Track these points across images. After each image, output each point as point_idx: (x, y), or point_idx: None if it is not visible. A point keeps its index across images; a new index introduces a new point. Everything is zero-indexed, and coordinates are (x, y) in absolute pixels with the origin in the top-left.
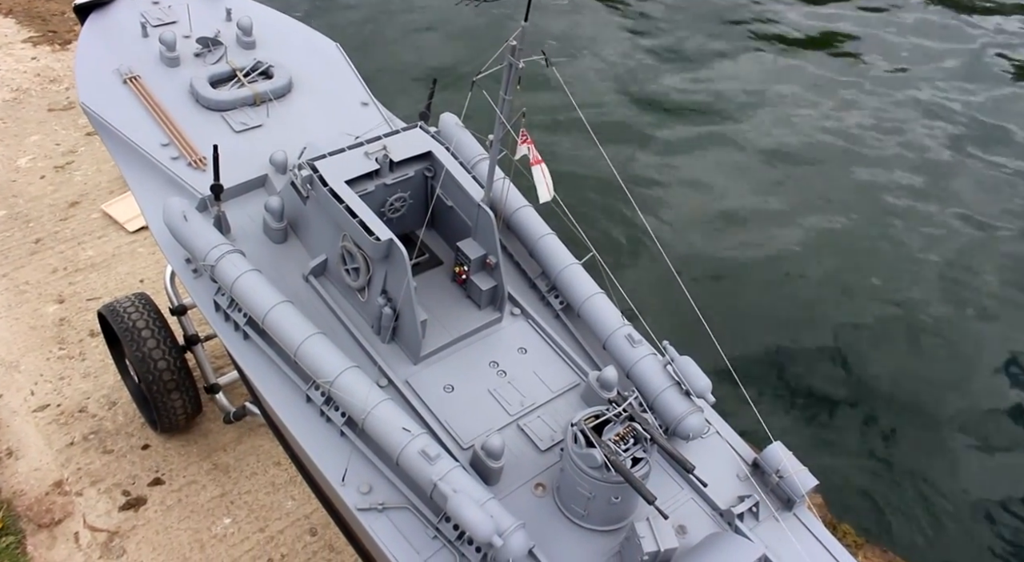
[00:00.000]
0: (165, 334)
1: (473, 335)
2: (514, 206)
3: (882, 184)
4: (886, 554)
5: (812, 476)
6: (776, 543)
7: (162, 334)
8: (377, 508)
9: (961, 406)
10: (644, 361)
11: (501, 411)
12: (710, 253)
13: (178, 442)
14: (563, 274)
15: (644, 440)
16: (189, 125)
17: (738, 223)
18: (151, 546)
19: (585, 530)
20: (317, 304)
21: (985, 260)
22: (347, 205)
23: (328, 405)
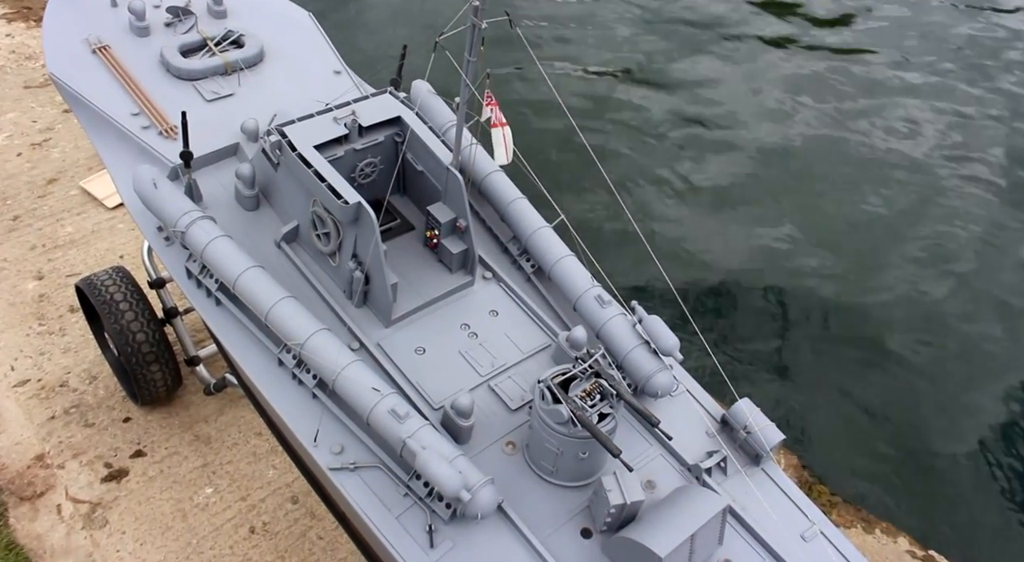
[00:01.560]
0: (143, 307)
1: (445, 298)
2: (485, 171)
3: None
4: (859, 512)
5: (778, 431)
6: (743, 497)
7: (140, 307)
8: (349, 468)
9: (938, 368)
10: (613, 321)
11: (472, 372)
12: (678, 218)
13: (159, 415)
14: (534, 237)
15: (610, 396)
16: (160, 95)
17: (710, 192)
18: (133, 516)
19: (554, 486)
20: (289, 270)
21: (951, 215)
22: (315, 169)
23: (299, 368)
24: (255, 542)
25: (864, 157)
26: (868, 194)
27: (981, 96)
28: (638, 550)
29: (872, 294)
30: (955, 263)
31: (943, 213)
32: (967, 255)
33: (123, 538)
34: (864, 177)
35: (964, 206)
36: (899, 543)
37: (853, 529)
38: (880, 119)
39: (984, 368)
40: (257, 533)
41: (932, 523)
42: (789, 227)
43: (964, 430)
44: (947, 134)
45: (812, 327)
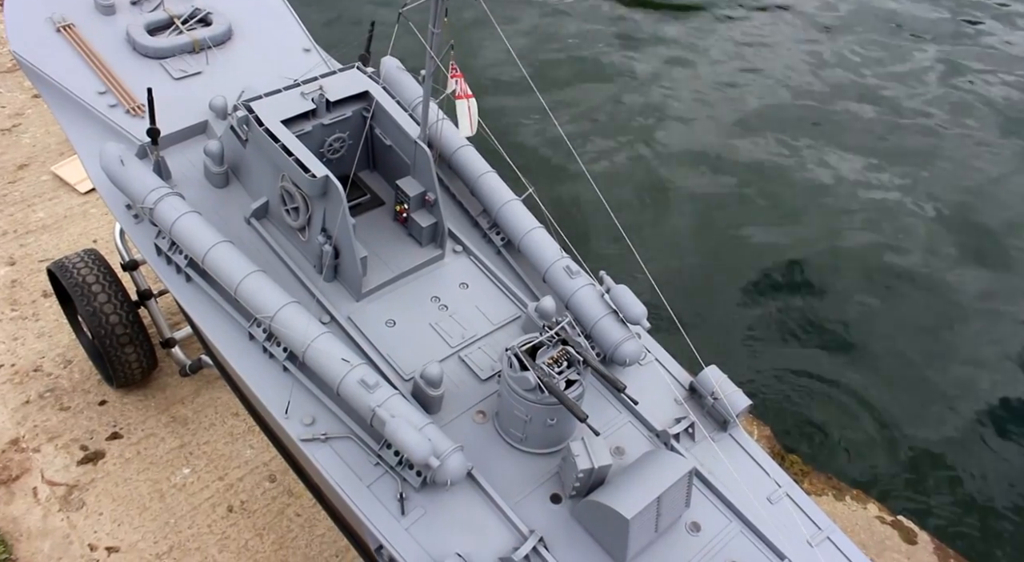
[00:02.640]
0: (116, 289)
1: (415, 272)
2: (454, 145)
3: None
4: (831, 481)
5: (745, 397)
6: (711, 462)
7: (113, 289)
8: (320, 438)
9: (909, 341)
10: (582, 291)
11: (442, 343)
12: (648, 185)
13: (135, 397)
14: (503, 210)
15: (577, 363)
16: (126, 73)
17: (678, 155)
18: (111, 498)
19: (524, 453)
20: (260, 246)
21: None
22: (283, 144)
23: (270, 341)
24: (233, 520)
25: (827, 120)
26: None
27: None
28: (605, 513)
29: (842, 267)
30: (924, 234)
31: (908, 181)
32: (934, 227)
33: (100, 519)
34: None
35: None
36: (868, 510)
37: (824, 496)
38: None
39: (955, 341)
40: (235, 512)
41: (900, 490)
42: (757, 196)
43: (932, 401)
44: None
45: (782, 299)
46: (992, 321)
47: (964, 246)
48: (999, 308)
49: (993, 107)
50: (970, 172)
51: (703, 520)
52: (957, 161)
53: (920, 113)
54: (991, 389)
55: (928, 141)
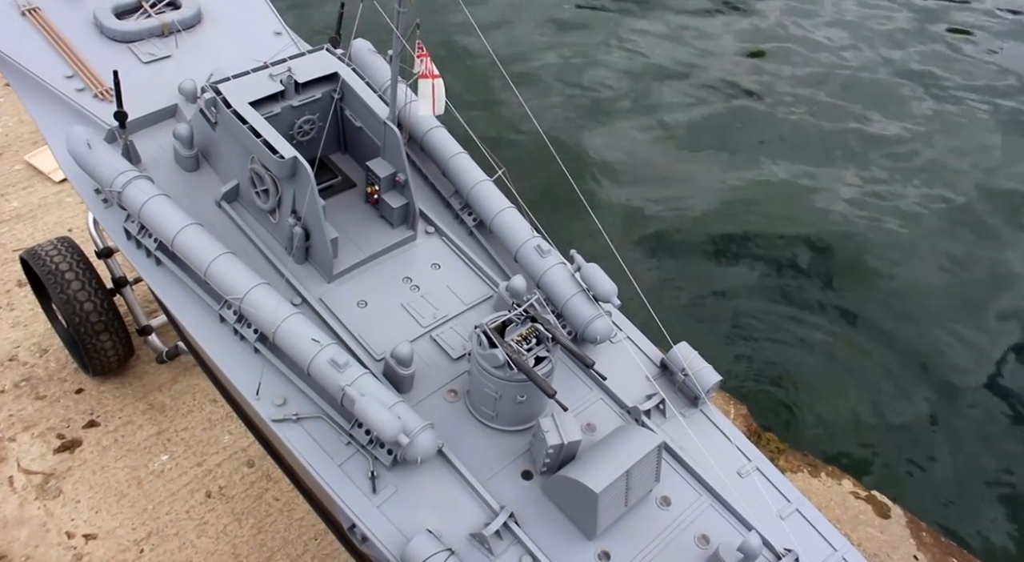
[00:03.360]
0: (90, 276)
1: (387, 253)
2: (426, 127)
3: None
4: (806, 458)
5: (715, 373)
6: (682, 437)
7: (87, 276)
8: (291, 419)
9: (880, 314)
10: (553, 270)
11: (414, 323)
12: (616, 167)
13: (112, 385)
14: (474, 191)
15: (546, 340)
16: (94, 57)
17: (641, 129)
18: (88, 485)
19: (495, 431)
20: (231, 229)
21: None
22: (251, 125)
23: (240, 323)
24: (212, 506)
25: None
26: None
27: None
28: (575, 487)
29: (813, 239)
30: (897, 200)
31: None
32: (905, 190)
33: (77, 507)
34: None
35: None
36: (843, 485)
37: (799, 473)
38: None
39: (928, 314)
40: (213, 497)
41: (874, 467)
42: (727, 169)
43: (907, 380)
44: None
45: (761, 280)
46: (966, 298)
47: (948, 218)
48: (972, 288)
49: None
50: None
51: (673, 494)
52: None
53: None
54: (964, 368)
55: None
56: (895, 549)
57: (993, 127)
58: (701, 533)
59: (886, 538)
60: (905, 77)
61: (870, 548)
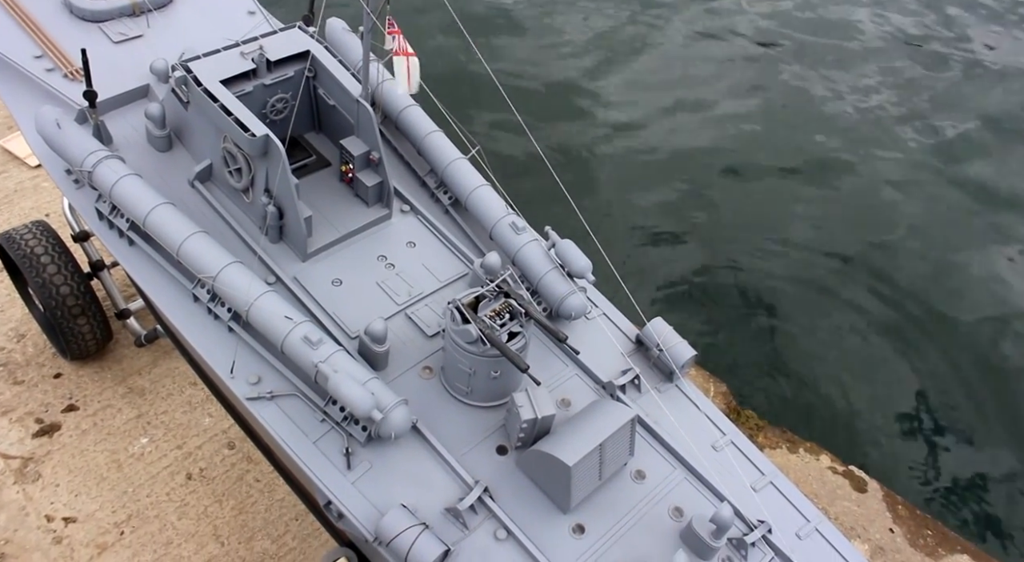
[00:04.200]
0: (66, 259)
1: (362, 232)
2: (400, 105)
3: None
4: (785, 434)
5: (690, 348)
6: (657, 411)
7: (63, 260)
8: (266, 397)
9: (862, 294)
10: (528, 247)
11: (389, 301)
12: (585, 142)
13: (91, 369)
14: (449, 169)
15: (520, 315)
16: (63, 37)
17: (614, 107)
18: (67, 469)
19: (470, 407)
20: (205, 209)
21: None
22: (222, 104)
23: (214, 302)
24: (192, 488)
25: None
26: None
27: None
28: (548, 461)
29: (790, 217)
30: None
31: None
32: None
33: (57, 491)
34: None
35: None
36: (821, 460)
37: (778, 449)
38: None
39: (902, 288)
40: (194, 479)
41: (852, 443)
42: (701, 143)
43: (886, 356)
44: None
45: (740, 258)
46: (946, 271)
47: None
48: (956, 258)
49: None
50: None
51: (648, 468)
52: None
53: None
54: (942, 343)
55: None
56: (871, 522)
57: None
58: (675, 506)
59: (863, 511)
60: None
61: (847, 521)
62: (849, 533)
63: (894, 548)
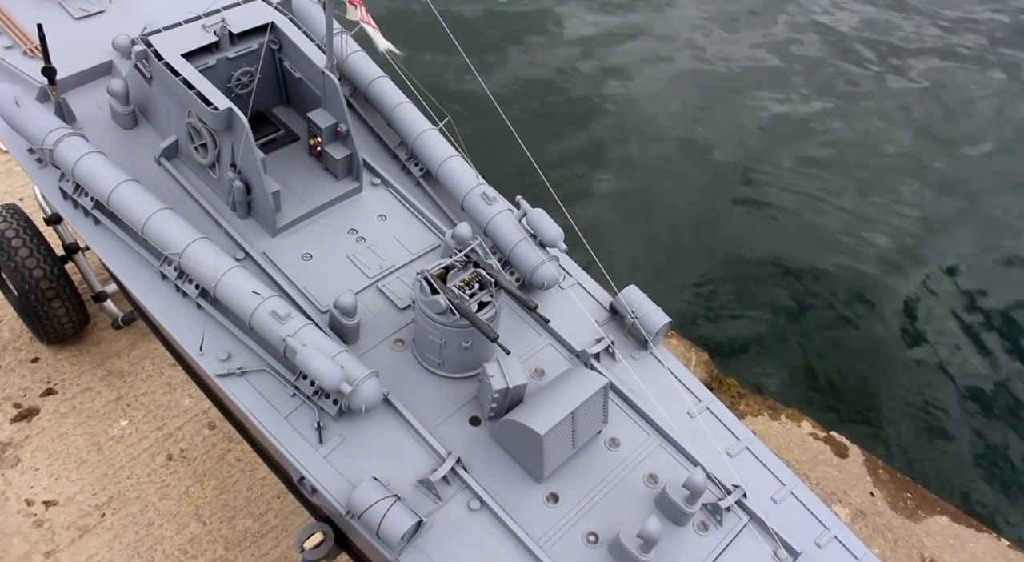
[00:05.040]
0: (38, 242)
1: (332, 205)
2: (369, 77)
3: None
4: (767, 402)
5: (664, 315)
6: (632, 379)
7: (35, 243)
8: (236, 373)
9: (843, 266)
10: (499, 217)
11: (360, 275)
12: (556, 112)
13: (69, 353)
14: (419, 140)
15: (489, 285)
16: (21, 13)
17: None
18: (47, 453)
19: (443, 378)
20: (172, 186)
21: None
22: (183, 78)
23: (181, 279)
24: (173, 468)
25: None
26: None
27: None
28: (521, 430)
29: (762, 183)
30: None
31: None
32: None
33: (37, 474)
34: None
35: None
36: (802, 427)
37: (760, 417)
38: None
39: (881, 257)
40: (175, 460)
41: (832, 409)
42: (673, 112)
43: (866, 324)
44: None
45: (721, 228)
46: (926, 243)
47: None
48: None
49: None
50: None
51: (622, 435)
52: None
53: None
54: (920, 315)
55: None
56: (852, 487)
57: None
58: (650, 473)
59: (844, 476)
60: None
61: (828, 486)
62: (830, 498)
63: (875, 511)
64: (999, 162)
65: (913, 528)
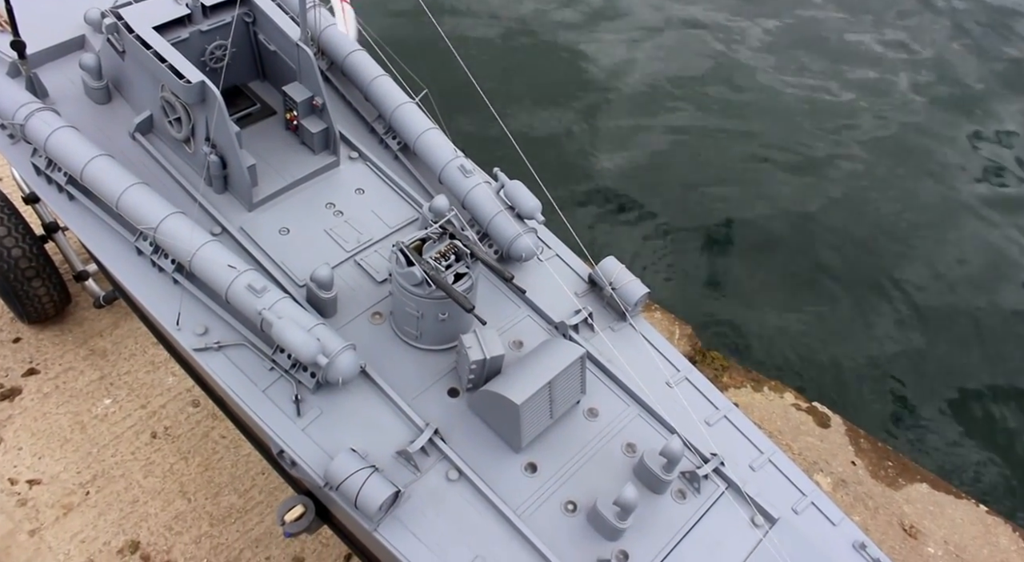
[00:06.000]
0: (16, 221)
1: (309, 179)
2: (345, 51)
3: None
4: (750, 374)
5: (642, 285)
6: (611, 350)
7: (13, 222)
8: (213, 347)
9: (824, 234)
10: (477, 189)
11: (338, 248)
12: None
13: (51, 333)
14: (397, 113)
15: (465, 256)
16: None
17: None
18: (30, 432)
19: (421, 351)
20: (147, 162)
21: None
22: (155, 50)
23: (157, 254)
24: (157, 446)
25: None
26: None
27: None
28: (498, 401)
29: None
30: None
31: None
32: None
33: (20, 454)
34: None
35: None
36: (785, 398)
37: (743, 389)
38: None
39: (859, 224)
40: (159, 437)
41: (814, 380)
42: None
43: (847, 297)
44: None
45: (701, 200)
46: (907, 204)
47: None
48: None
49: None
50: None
51: (600, 406)
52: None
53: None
54: (902, 280)
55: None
56: (834, 456)
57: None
58: (628, 442)
59: (826, 446)
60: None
61: (810, 456)
62: (812, 467)
63: (856, 480)
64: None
65: (893, 496)
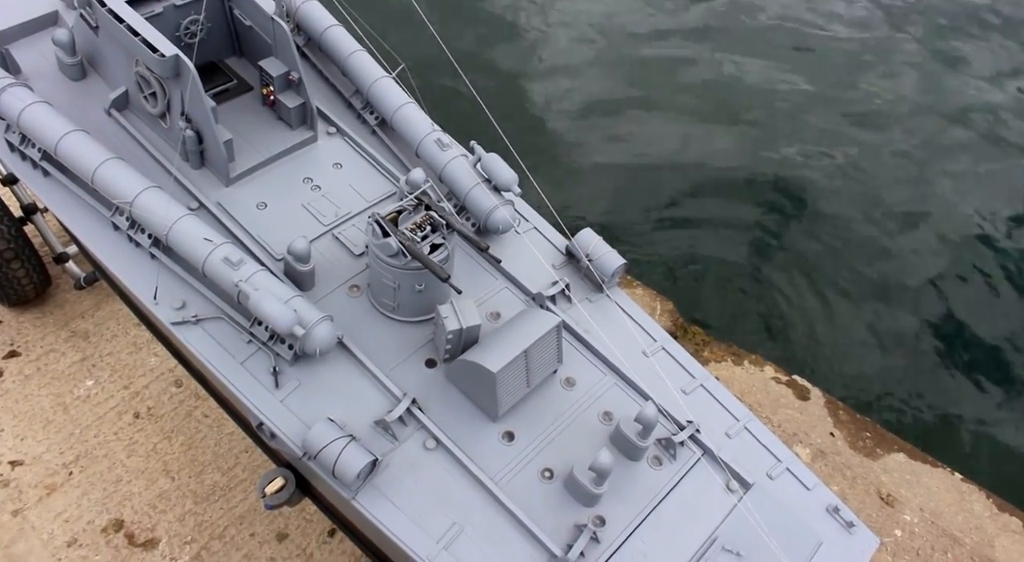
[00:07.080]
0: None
1: (286, 154)
2: (322, 26)
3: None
4: (731, 348)
5: (619, 257)
6: (588, 321)
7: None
8: (191, 321)
9: (807, 215)
10: (454, 162)
11: (315, 222)
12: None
13: (32, 315)
14: (374, 88)
15: (441, 227)
16: None
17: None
18: (11, 415)
19: (398, 322)
20: (124, 138)
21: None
22: (128, 24)
23: (133, 229)
24: (140, 426)
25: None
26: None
27: None
28: (474, 370)
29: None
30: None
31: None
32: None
33: (1, 436)
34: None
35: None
36: (765, 372)
37: (723, 363)
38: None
39: (840, 199)
40: (142, 418)
41: (795, 354)
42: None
43: (826, 271)
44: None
45: (683, 178)
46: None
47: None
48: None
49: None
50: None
51: (577, 375)
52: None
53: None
54: (884, 261)
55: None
56: (813, 428)
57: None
58: (605, 410)
59: (805, 418)
60: None
61: (789, 428)
62: (791, 439)
63: (834, 451)
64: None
65: (871, 466)
